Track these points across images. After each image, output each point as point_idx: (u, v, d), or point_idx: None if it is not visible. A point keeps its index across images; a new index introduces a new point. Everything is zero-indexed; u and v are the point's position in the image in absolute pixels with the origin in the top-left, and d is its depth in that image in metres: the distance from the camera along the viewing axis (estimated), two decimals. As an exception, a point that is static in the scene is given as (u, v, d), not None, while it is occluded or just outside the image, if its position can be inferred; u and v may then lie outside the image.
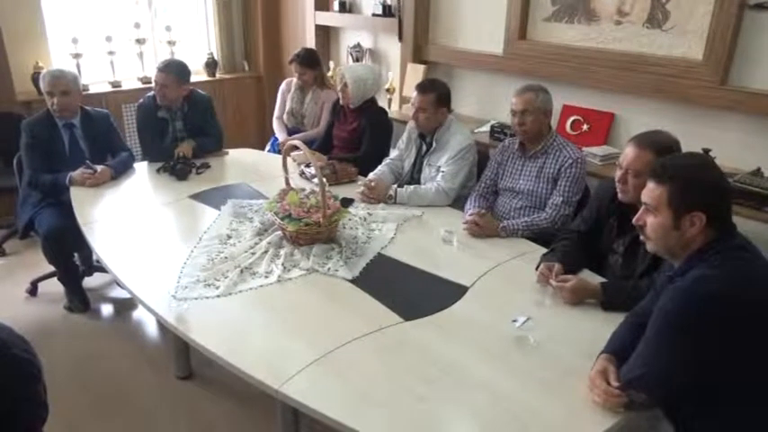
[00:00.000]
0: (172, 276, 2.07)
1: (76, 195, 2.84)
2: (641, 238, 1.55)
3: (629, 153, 1.89)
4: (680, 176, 1.42)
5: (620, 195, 1.94)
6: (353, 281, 2.04)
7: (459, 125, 2.84)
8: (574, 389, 1.51)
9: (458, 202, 2.73)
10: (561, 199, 2.40)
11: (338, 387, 1.54)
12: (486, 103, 3.77)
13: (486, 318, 1.83)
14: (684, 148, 1.90)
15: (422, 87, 2.79)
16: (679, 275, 1.42)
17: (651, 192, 1.46)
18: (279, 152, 3.66)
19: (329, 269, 2.10)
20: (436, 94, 2.74)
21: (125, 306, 3.24)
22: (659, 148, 1.83)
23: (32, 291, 3.27)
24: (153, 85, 3.24)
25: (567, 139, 2.60)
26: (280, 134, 3.83)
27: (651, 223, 1.47)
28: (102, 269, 3.33)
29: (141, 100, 3.30)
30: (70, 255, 3.12)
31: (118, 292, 3.32)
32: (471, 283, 2.02)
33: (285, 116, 3.82)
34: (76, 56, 4.26)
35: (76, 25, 4.37)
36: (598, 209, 2.10)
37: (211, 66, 5.01)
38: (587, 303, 1.87)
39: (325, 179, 2.28)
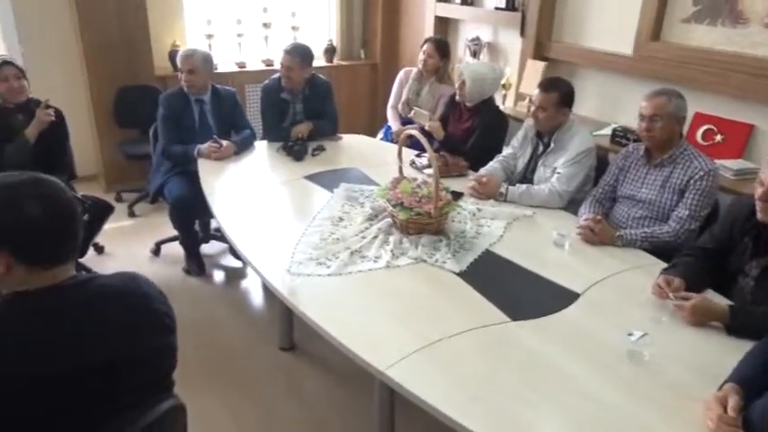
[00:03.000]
0: (285, 251, 2.17)
1: (203, 167, 3.04)
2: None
3: (774, 170, 1.74)
4: None
5: (759, 214, 1.79)
6: (460, 274, 2.04)
7: (580, 127, 2.74)
8: (688, 413, 1.43)
9: (571, 206, 2.64)
10: (688, 212, 2.26)
11: (441, 378, 1.55)
12: (608, 105, 3.60)
13: (597, 327, 1.76)
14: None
15: (544, 85, 2.72)
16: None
17: None
18: (392, 141, 3.71)
19: (437, 260, 2.11)
20: (559, 94, 2.66)
21: (236, 275, 3.44)
22: (812, 167, 1.68)
23: (156, 251, 3.55)
24: (279, 67, 3.39)
25: (698, 148, 2.43)
26: (393, 123, 3.87)
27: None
28: (218, 238, 3.56)
29: (267, 81, 3.45)
30: (193, 221, 3.35)
31: (229, 261, 3.53)
32: (583, 291, 1.95)
33: (400, 106, 3.85)
34: (209, 36, 4.54)
35: (211, 7, 4.66)
36: (731, 227, 1.95)
37: (330, 52, 5.16)
38: (710, 326, 1.75)
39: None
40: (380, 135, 3.95)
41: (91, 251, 3.34)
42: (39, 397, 1.08)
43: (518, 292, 1.98)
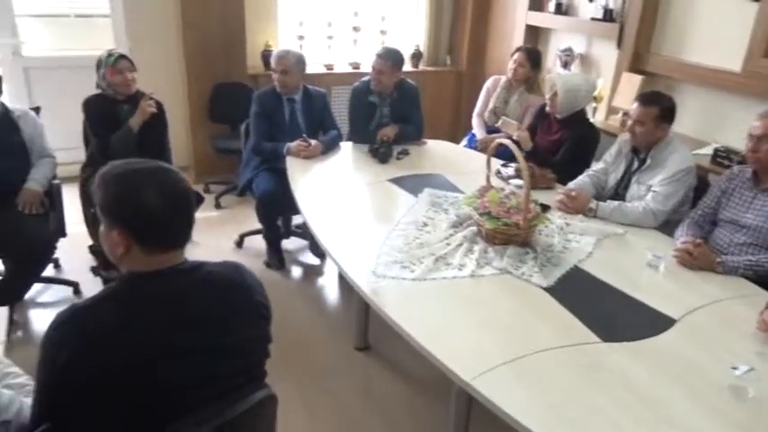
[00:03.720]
0: (368, 252, 2.19)
1: (291, 164, 3.12)
2: None
3: None
4: None
5: None
6: (548, 289, 1.98)
7: (680, 144, 2.61)
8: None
9: (666, 227, 2.52)
10: (799, 242, 2.11)
11: (527, 394, 1.51)
12: (709, 123, 3.42)
13: (696, 357, 1.67)
14: None
15: (644, 99, 2.61)
16: None
17: None
18: (476, 148, 3.68)
19: (523, 273, 2.07)
20: (659, 108, 2.55)
21: (313, 271, 3.50)
22: None
23: (239, 243, 3.67)
24: (368, 70, 3.43)
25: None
26: (478, 131, 3.84)
27: None
28: (299, 234, 3.64)
29: (356, 83, 3.51)
30: (277, 217, 3.45)
31: (308, 258, 3.60)
32: (680, 317, 1.85)
33: (486, 114, 3.81)
34: (300, 38, 4.66)
35: (303, 9, 4.78)
36: None
37: (416, 57, 5.18)
38: (825, 367, 1.63)
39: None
40: (464, 142, 3.92)
41: (180, 238, 3.48)
42: (143, 375, 1.13)
43: (609, 312, 1.90)
